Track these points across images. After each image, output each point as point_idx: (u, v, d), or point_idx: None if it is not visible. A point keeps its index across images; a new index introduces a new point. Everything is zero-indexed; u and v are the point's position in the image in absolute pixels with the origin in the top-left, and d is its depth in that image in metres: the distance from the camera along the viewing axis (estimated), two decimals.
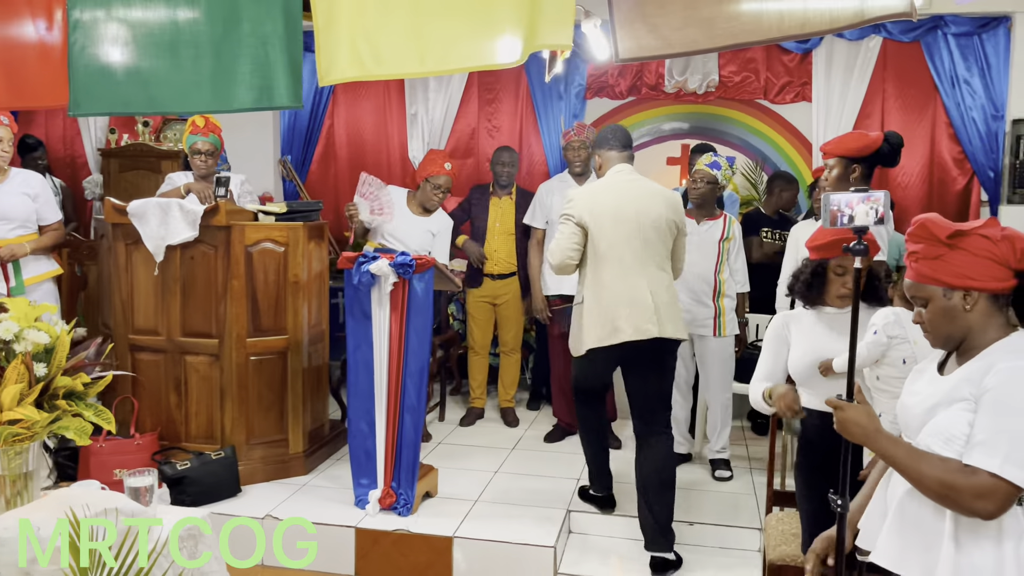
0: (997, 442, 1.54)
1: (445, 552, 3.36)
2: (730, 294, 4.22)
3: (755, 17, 2.35)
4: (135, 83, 2.94)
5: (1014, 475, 1.52)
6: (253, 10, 2.78)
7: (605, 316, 3.31)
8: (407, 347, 3.52)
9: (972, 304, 1.66)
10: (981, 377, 1.61)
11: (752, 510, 3.78)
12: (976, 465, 1.55)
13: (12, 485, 2.00)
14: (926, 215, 1.72)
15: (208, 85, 2.90)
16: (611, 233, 3.33)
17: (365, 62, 2.70)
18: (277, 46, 2.79)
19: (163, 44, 2.92)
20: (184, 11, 2.91)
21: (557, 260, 3.40)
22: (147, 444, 3.73)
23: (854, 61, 5.28)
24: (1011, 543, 1.56)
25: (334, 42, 2.74)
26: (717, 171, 4.14)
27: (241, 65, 2.80)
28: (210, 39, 2.83)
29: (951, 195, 5.32)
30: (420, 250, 4.31)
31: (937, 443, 1.64)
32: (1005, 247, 1.63)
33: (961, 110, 5.12)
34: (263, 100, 2.86)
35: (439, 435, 4.78)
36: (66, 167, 6.27)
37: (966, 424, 1.60)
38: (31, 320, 2.04)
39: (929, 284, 1.69)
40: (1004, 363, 1.59)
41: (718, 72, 5.54)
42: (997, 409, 1.56)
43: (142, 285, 3.88)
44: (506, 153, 4.98)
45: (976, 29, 5.02)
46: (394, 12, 2.63)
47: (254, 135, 5.73)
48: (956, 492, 1.56)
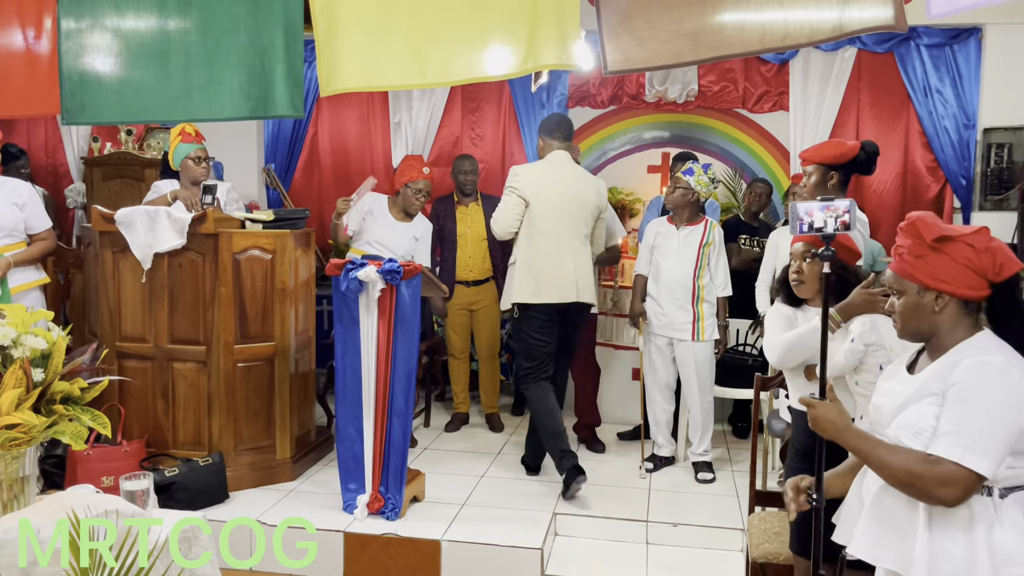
0: (960, 432, 1.61)
1: (433, 555, 3.39)
2: (710, 299, 4.29)
3: (739, 30, 2.42)
4: (128, 92, 2.96)
5: (976, 463, 1.59)
6: (251, 21, 2.81)
7: (534, 278, 4.01)
8: (395, 353, 3.56)
9: (942, 307, 1.72)
10: (948, 372, 1.68)
11: (735, 511, 3.85)
12: (940, 454, 1.62)
13: (9, 489, 2.02)
14: (921, 213, 1.77)
15: (198, 94, 2.92)
16: (547, 209, 4.02)
17: (366, 74, 2.73)
18: (275, 57, 2.82)
19: (155, 54, 2.94)
20: (178, 21, 2.93)
21: (500, 228, 4.09)
22: (135, 451, 3.73)
23: (830, 71, 5.41)
24: (982, 530, 1.63)
25: (335, 53, 2.77)
26: (690, 177, 4.22)
27: (237, 75, 2.83)
28: (203, 49, 2.85)
29: (924, 202, 5.44)
30: (405, 255, 4.37)
31: (906, 435, 1.71)
32: (986, 259, 1.68)
33: (934, 119, 5.25)
34: (259, 109, 2.89)
35: (425, 440, 4.81)
36: (48, 176, 6.25)
37: (933, 417, 1.67)
38: (28, 326, 2.06)
39: (906, 279, 1.76)
40: (971, 358, 1.66)
41: (697, 82, 5.64)
42: (962, 401, 1.63)
43: (129, 292, 3.89)
44: (467, 162, 5.03)
45: (948, 40, 5.16)
46: (396, 25, 2.67)
47: (238, 144, 5.75)
48: (920, 480, 1.63)
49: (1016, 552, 1.62)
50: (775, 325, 2.77)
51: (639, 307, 4.42)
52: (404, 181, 4.45)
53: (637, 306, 4.43)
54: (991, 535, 1.63)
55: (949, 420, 1.64)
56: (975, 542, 1.63)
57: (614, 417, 5.10)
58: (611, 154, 6.03)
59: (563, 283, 4.01)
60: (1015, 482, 1.65)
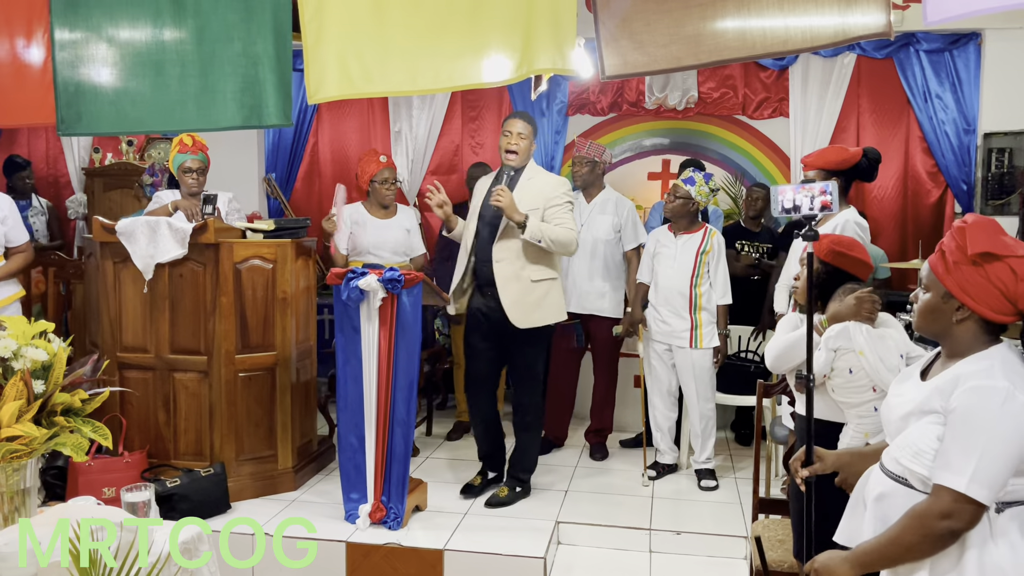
0: (963, 462, 1.56)
1: (436, 565, 3.38)
2: (708, 307, 4.27)
3: (739, 34, 2.41)
4: (124, 103, 2.94)
5: (979, 494, 1.55)
6: (245, 29, 2.78)
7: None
8: (396, 361, 3.55)
9: (962, 318, 1.68)
10: (951, 391, 1.63)
11: (738, 518, 3.84)
12: (943, 484, 1.58)
13: (10, 501, 2.02)
14: (979, 220, 1.71)
15: (193, 104, 2.89)
16: None
17: (355, 80, 2.70)
18: (267, 65, 2.79)
19: (150, 64, 2.91)
20: (172, 31, 2.90)
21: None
22: (136, 462, 3.72)
23: (829, 77, 5.41)
24: (975, 543, 1.61)
25: (323, 61, 2.74)
26: (691, 187, 4.21)
27: (230, 84, 2.80)
28: (198, 58, 2.83)
29: (925, 207, 5.44)
30: (401, 248, 4.44)
31: (906, 456, 1.68)
32: (1022, 288, 1.63)
33: (934, 124, 5.25)
34: (252, 119, 2.86)
35: (427, 449, 4.80)
36: (49, 186, 6.25)
37: (935, 439, 1.63)
38: (29, 337, 2.06)
39: (937, 279, 1.71)
40: (972, 381, 1.61)
41: (697, 88, 5.65)
42: (963, 429, 1.58)
43: (130, 303, 3.88)
44: (479, 168, 5.04)
45: (947, 46, 5.16)
46: (387, 31, 2.64)
47: (239, 153, 5.75)
48: (928, 519, 1.60)
49: (1010, 568, 1.59)
50: (779, 329, 2.76)
51: (639, 314, 4.42)
52: (367, 178, 4.48)
53: (637, 313, 4.43)
54: (983, 549, 1.60)
55: (949, 448, 1.60)
56: (965, 557, 1.61)
57: (616, 424, 5.08)
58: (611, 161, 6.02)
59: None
60: (1012, 497, 1.61)
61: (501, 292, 3.78)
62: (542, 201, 3.79)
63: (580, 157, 4.75)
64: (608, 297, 4.67)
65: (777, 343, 2.69)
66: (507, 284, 3.78)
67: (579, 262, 4.60)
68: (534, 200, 3.78)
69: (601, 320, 4.67)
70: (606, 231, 4.67)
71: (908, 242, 5.46)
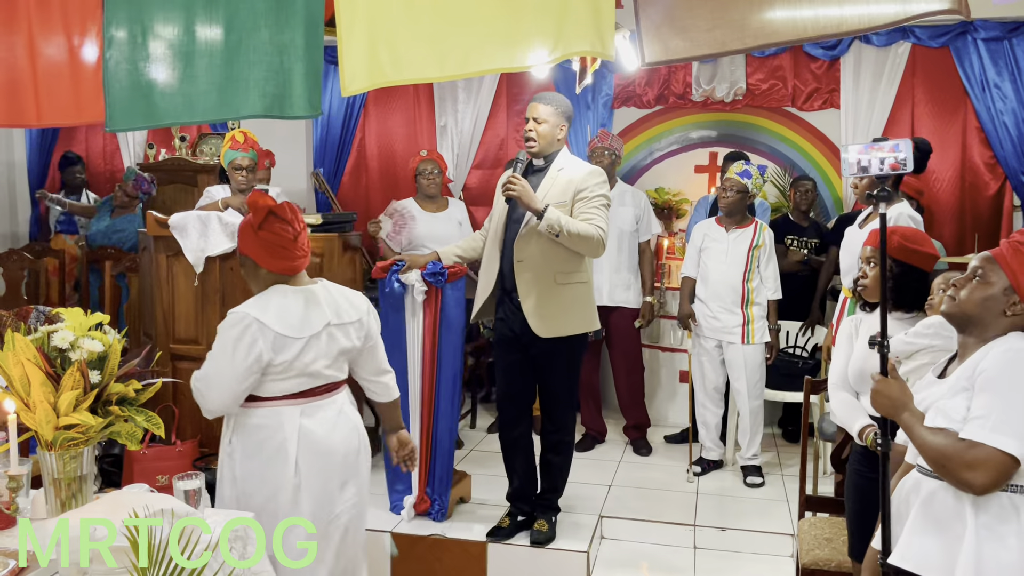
0: (988, 414, 1.59)
1: (480, 557, 3.40)
2: (760, 301, 4.23)
3: (789, 16, 2.30)
4: (155, 96, 2.92)
5: (1003, 443, 1.55)
6: (272, 18, 2.74)
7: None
8: (440, 354, 3.58)
9: (1013, 314, 1.68)
10: (976, 364, 1.66)
11: (784, 516, 3.79)
12: (968, 436, 1.60)
13: (67, 488, 2.08)
14: None
15: (216, 93, 2.83)
16: None
17: (385, 69, 2.63)
18: (294, 55, 2.72)
19: (181, 55, 2.90)
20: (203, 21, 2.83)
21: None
22: (188, 451, 3.80)
23: (882, 67, 5.28)
24: None
25: (355, 52, 2.69)
26: (747, 180, 4.16)
27: (254, 72, 2.75)
28: (224, 47, 2.79)
29: (983, 200, 5.29)
30: (453, 241, 4.41)
31: (939, 423, 1.70)
32: None
33: (992, 114, 5.10)
34: (274, 108, 2.78)
35: (471, 442, 4.83)
36: (106, 182, 6.42)
37: (965, 408, 1.65)
38: (85, 329, 2.13)
39: (1002, 270, 1.70)
40: (999, 347, 1.65)
41: (745, 80, 5.56)
42: (991, 386, 1.61)
43: (182, 296, 3.97)
44: None
45: (1006, 33, 5.00)
46: (416, 17, 2.57)
47: (288, 148, 5.83)
48: (950, 462, 1.61)
49: None
50: (837, 349, 2.66)
51: (688, 309, 4.38)
52: (413, 174, 4.75)
53: (686, 308, 4.39)
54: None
55: (979, 406, 1.62)
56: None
57: (661, 420, 5.06)
58: (657, 154, 5.97)
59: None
60: None
61: (522, 296, 3.27)
62: (571, 193, 3.26)
63: (602, 148, 4.65)
64: (633, 288, 4.70)
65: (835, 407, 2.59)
66: (528, 287, 3.27)
67: (608, 254, 4.49)
68: (563, 193, 3.26)
69: (624, 311, 4.66)
70: (629, 223, 4.69)
71: (966, 235, 5.31)
